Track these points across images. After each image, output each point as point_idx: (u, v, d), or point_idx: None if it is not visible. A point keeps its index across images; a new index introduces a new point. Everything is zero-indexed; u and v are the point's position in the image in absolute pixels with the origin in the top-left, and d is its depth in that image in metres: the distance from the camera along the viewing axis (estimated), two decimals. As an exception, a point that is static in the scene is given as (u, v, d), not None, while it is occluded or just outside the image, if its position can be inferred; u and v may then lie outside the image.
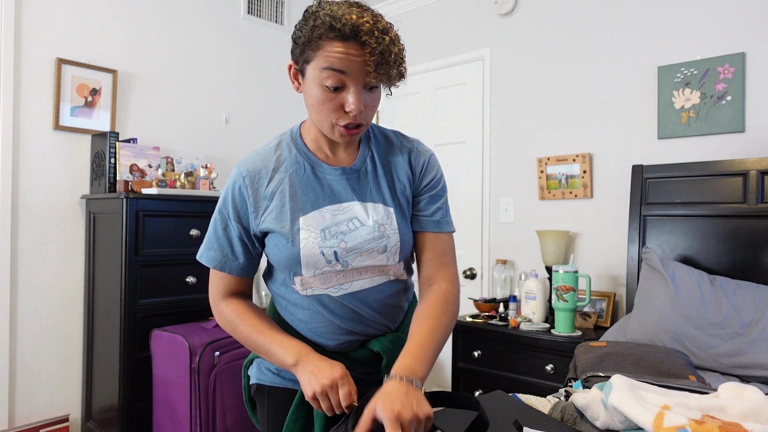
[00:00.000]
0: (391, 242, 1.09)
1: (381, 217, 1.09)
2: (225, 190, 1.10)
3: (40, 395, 2.50)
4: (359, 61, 0.94)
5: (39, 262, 2.49)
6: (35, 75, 2.46)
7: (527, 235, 2.98)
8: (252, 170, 1.08)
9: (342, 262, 1.05)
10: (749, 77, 2.28)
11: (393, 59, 0.95)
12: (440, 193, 1.16)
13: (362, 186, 1.11)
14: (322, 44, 0.94)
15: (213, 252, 1.10)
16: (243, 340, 1.08)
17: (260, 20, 3.33)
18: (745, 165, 2.19)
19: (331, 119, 1.00)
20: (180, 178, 2.60)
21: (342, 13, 0.94)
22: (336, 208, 1.07)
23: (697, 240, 2.29)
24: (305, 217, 1.05)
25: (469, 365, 2.64)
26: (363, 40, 0.93)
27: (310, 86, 1.00)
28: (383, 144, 1.17)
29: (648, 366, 1.56)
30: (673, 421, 0.94)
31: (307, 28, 0.96)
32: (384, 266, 1.09)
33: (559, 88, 2.87)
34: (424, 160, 1.16)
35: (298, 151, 1.10)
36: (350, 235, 1.06)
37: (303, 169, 1.09)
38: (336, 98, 0.98)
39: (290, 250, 1.04)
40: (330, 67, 0.94)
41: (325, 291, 1.07)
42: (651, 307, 2.03)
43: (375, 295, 1.10)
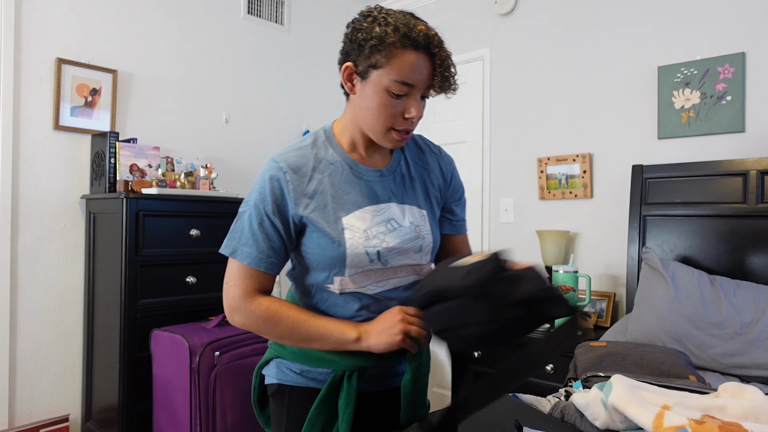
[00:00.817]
0: (425, 243, 1.14)
1: (416, 218, 1.13)
2: (260, 184, 1.06)
3: (40, 395, 2.50)
4: (427, 72, 0.99)
5: (39, 262, 2.49)
6: (35, 75, 2.46)
7: (527, 235, 2.98)
8: (293, 165, 1.06)
9: (383, 261, 1.08)
10: (749, 77, 2.28)
11: (453, 72, 1.02)
12: (464, 198, 1.28)
13: (398, 188, 1.14)
14: (396, 52, 0.97)
15: (248, 248, 1.05)
16: (287, 333, 1.05)
17: (260, 20, 3.33)
18: (745, 165, 2.19)
19: (388, 124, 1.03)
20: (180, 178, 2.60)
21: (412, 23, 0.99)
22: (375, 209, 1.09)
23: (697, 240, 2.29)
24: (348, 217, 1.06)
25: (470, 365, 2.64)
26: (433, 52, 0.98)
27: (371, 90, 1.01)
28: (413, 148, 1.21)
29: (648, 366, 1.56)
30: (673, 420, 0.94)
31: (377, 33, 0.97)
32: (417, 265, 1.14)
33: (559, 88, 2.87)
34: (452, 168, 1.25)
35: (335, 150, 1.10)
36: (390, 235, 1.09)
37: (341, 170, 1.09)
38: (398, 104, 1.01)
39: (335, 250, 1.05)
40: (404, 81, 0.98)
41: (362, 288, 1.09)
42: (651, 307, 2.03)
43: (406, 293, 1.14)
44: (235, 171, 3.21)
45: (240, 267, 1.06)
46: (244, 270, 1.06)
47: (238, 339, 2.33)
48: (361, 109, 1.04)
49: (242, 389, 2.27)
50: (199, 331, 2.31)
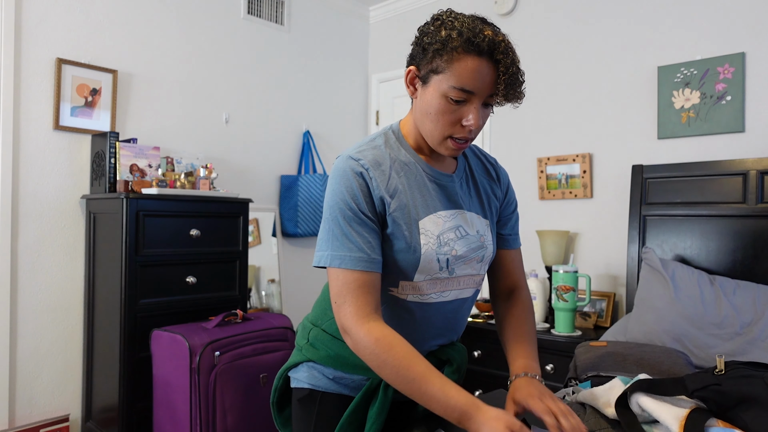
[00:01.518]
0: (488, 253, 1.12)
1: (481, 227, 1.12)
2: (342, 183, 1.00)
3: (40, 395, 2.49)
4: (489, 79, 0.94)
5: (39, 262, 2.48)
6: (35, 75, 2.46)
7: (527, 235, 2.98)
8: (372, 162, 1.02)
9: (450, 269, 1.05)
10: (749, 77, 2.28)
11: (521, 80, 0.96)
12: (517, 212, 1.26)
13: (465, 195, 1.12)
14: (457, 57, 0.93)
15: (346, 251, 0.96)
16: (391, 378, 0.93)
17: (260, 20, 3.33)
18: (745, 165, 2.19)
19: (446, 132, 0.99)
20: (180, 178, 2.60)
21: (479, 28, 0.93)
22: (447, 214, 1.06)
23: (697, 240, 2.29)
24: (423, 221, 1.03)
25: (470, 365, 2.64)
26: (498, 59, 0.93)
27: (431, 95, 0.98)
28: (472, 157, 1.19)
29: (648, 366, 1.56)
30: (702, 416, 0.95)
31: (441, 37, 0.94)
32: (477, 275, 1.12)
33: (559, 88, 2.87)
34: (508, 180, 1.23)
35: (407, 152, 1.07)
36: (458, 243, 1.06)
37: (415, 172, 1.06)
38: (456, 111, 0.97)
39: (410, 255, 1.01)
40: (462, 87, 0.94)
41: (425, 297, 1.06)
42: (651, 307, 2.03)
43: (463, 304, 1.13)
44: (235, 171, 3.21)
45: (347, 276, 0.96)
46: (350, 277, 0.96)
47: (238, 339, 2.33)
48: (421, 114, 1.01)
49: (242, 389, 2.27)
50: (199, 331, 2.31)
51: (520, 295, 1.22)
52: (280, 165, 3.44)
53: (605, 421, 1.13)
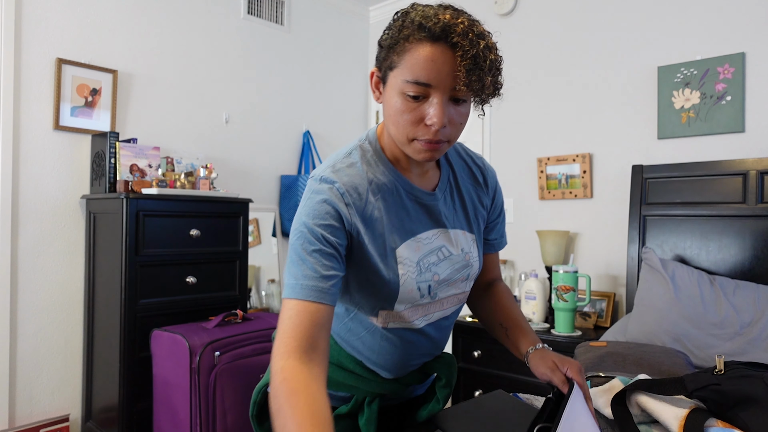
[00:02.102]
0: (473, 271, 1.06)
1: (467, 244, 1.04)
2: (313, 206, 0.89)
3: (40, 395, 2.49)
4: (447, 67, 0.81)
5: (39, 262, 2.49)
6: (35, 75, 2.46)
7: (527, 235, 2.98)
8: (349, 186, 0.91)
9: (432, 294, 0.99)
10: (749, 77, 2.28)
11: (488, 66, 0.81)
12: (504, 213, 1.18)
13: (449, 211, 1.03)
14: (409, 47, 0.83)
15: (306, 280, 0.85)
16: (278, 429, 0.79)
17: (260, 20, 3.33)
18: (745, 165, 2.19)
19: (409, 133, 0.87)
20: (180, 178, 2.60)
21: (434, 12, 0.83)
22: (427, 235, 0.98)
23: (697, 240, 2.29)
24: (401, 248, 0.94)
25: (470, 365, 2.64)
26: (454, 42, 0.80)
27: (389, 95, 0.88)
28: (459, 163, 1.08)
29: (648, 366, 1.56)
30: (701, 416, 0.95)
31: (395, 29, 0.86)
32: (462, 293, 1.06)
33: (559, 88, 2.87)
34: (496, 182, 1.14)
35: (386, 168, 0.96)
36: (440, 266, 0.99)
37: (395, 192, 0.96)
38: (417, 109, 0.85)
39: (388, 287, 0.93)
40: (416, 80, 0.83)
41: (409, 323, 1.00)
42: (651, 307, 2.03)
43: (447, 321, 1.09)
44: (235, 171, 3.21)
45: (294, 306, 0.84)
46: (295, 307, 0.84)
47: (239, 339, 2.33)
48: (386, 118, 0.92)
49: (242, 389, 2.27)
50: (199, 331, 2.31)
51: (500, 284, 1.22)
52: (280, 165, 3.44)
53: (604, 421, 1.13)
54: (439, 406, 1.09)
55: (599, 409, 1.15)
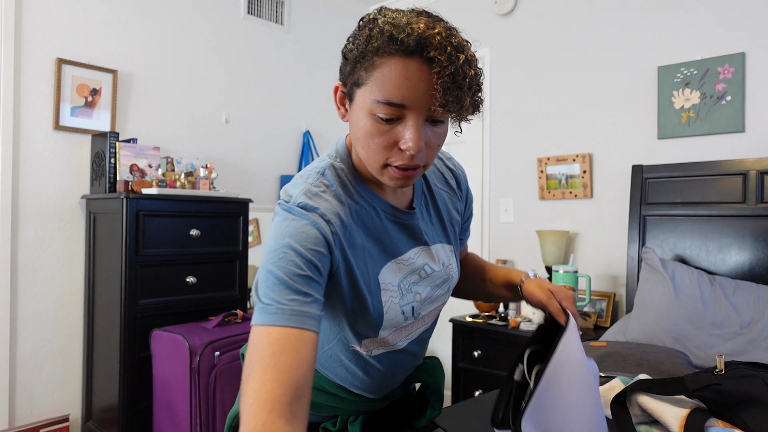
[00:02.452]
0: (453, 282, 1.01)
1: (447, 258, 1.00)
2: (297, 229, 0.77)
3: (40, 395, 2.49)
4: (423, 85, 0.72)
5: (39, 262, 2.48)
6: (35, 75, 2.46)
7: (527, 235, 2.98)
8: (331, 212, 0.81)
9: (416, 314, 0.94)
10: (749, 77, 2.28)
11: (467, 84, 0.72)
12: (472, 209, 1.16)
13: (427, 225, 0.97)
14: (378, 62, 0.73)
15: (296, 305, 0.72)
16: None
17: (260, 20, 3.33)
18: (745, 165, 2.19)
19: (380, 158, 0.78)
20: (180, 178, 2.60)
21: (407, 21, 0.72)
22: (408, 256, 0.92)
23: (697, 240, 2.29)
24: (382, 274, 0.87)
25: (469, 365, 2.64)
26: (430, 56, 0.70)
27: (357, 115, 0.78)
28: (431, 169, 1.02)
29: (648, 366, 1.56)
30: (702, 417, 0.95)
31: (361, 39, 0.74)
32: (441, 305, 1.02)
33: (558, 88, 2.87)
34: (467, 185, 1.09)
35: (362, 189, 0.88)
36: (421, 284, 0.94)
37: (372, 214, 0.88)
38: (390, 132, 0.76)
39: (371, 316, 0.86)
40: (388, 101, 0.73)
41: (393, 346, 0.95)
42: (651, 307, 2.03)
43: (428, 333, 1.05)
44: (235, 171, 3.21)
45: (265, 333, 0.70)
46: (274, 335, 0.70)
47: (239, 339, 2.33)
48: (354, 139, 0.81)
49: (242, 389, 2.27)
50: (199, 331, 2.31)
51: (468, 254, 1.23)
52: (280, 165, 3.44)
53: (605, 421, 1.13)
54: (437, 411, 1.08)
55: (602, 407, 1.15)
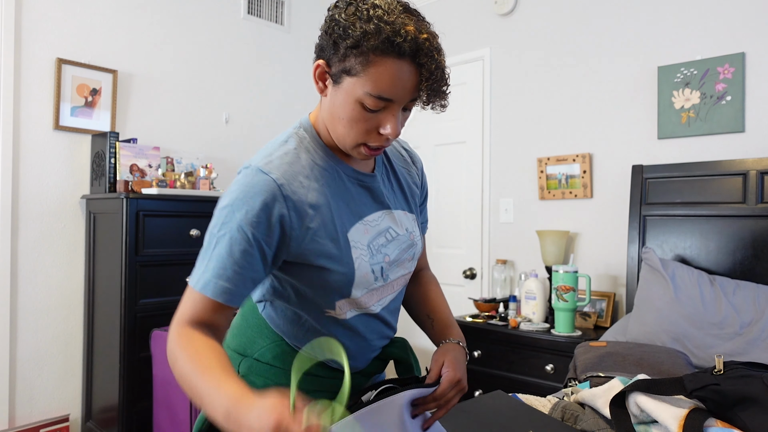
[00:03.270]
0: (417, 250, 1.06)
1: (409, 224, 1.05)
2: (247, 201, 0.85)
3: (40, 395, 2.50)
4: (411, 85, 0.83)
5: (39, 262, 2.49)
6: (35, 75, 2.46)
7: (527, 235, 2.98)
8: (288, 177, 0.88)
9: (385, 276, 0.98)
10: (749, 77, 2.28)
11: (445, 84, 0.85)
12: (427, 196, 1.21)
13: (390, 192, 1.04)
14: (374, 60, 0.81)
15: (225, 281, 0.84)
16: (180, 379, 0.81)
17: (260, 20, 3.33)
18: (745, 165, 2.19)
19: (359, 139, 0.88)
20: (180, 178, 2.60)
21: (400, 22, 0.80)
22: (374, 217, 0.98)
23: (697, 240, 2.29)
24: (351, 232, 0.93)
25: (469, 365, 2.64)
26: (421, 62, 0.81)
27: (343, 100, 0.86)
28: (390, 147, 1.11)
29: (648, 366, 1.56)
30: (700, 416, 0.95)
31: (356, 31, 0.80)
32: (408, 273, 1.06)
33: (559, 87, 2.87)
34: (420, 160, 1.17)
35: (325, 154, 0.95)
36: (389, 247, 0.99)
37: (336, 176, 0.95)
38: (373, 119, 0.86)
39: (343, 272, 0.91)
40: (380, 95, 0.82)
41: (366, 309, 0.99)
42: (651, 307, 2.03)
43: (395, 304, 1.08)
44: (235, 171, 3.21)
45: (200, 297, 0.85)
46: (206, 302, 0.85)
47: (238, 339, 2.33)
48: (331, 116, 0.89)
49: (242, 389, 2.27)
50: (199, 331, 2.31)
51: (427, 273, 1.22)
52: (280, 165, 3.44)
53: (604, 421, 1.13)
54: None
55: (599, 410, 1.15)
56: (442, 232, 3.34)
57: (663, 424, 0.99)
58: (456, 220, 3.30)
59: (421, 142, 3.47)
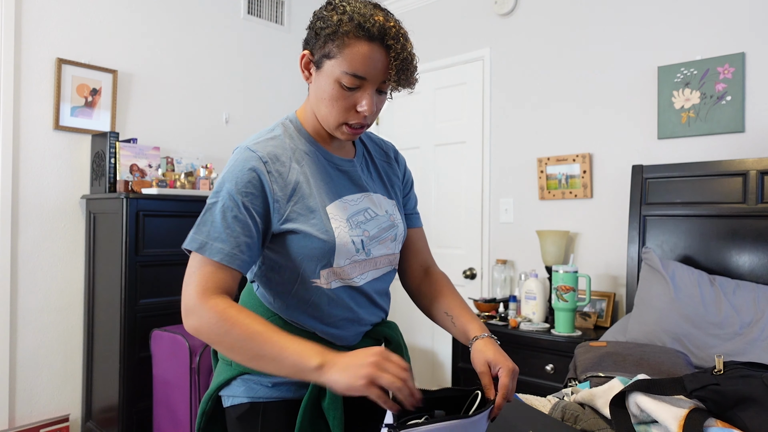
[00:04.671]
0: (399, 231, 1.14)
1: (390, 207, 1.13)
2: (236, 174, 0.97)
3: (40, 395, 2.50)
4: (381, 65, 0.95)
5: (39, 262, 2.49)
6: (35, 75, 2.46)
7: (527, 235, 2.98)
8: (271, 155, 1.00)
9: (366, 250, 1.06)
10: (749, 77, 2.28)
11: (413, 67, 0.97)
12: (414, 192, 1.29)
13: (368, 178, 1.14)
14: (348, 42, 0.94)
15: (221, 243, 0.94)
16: (238, 344, 0.89)
17: (260, 20, 3.33)
18: (745, 165, 2.19)
19: (340, 117, 1.00)
20: (180, 178, 2.60)
21: (370, 13, 0.95)
22: (352, 198, 1.07)
23: (697, 240, 2.29)
24: (330, 206, 1.03)
25: (469, 365, 2.64)
26: (389, 44, 0.94)
27: (324, 81, 0.99)
28: (370, 143, 1.22)
29: (648, 366, 1.56)
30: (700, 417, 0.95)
31: (333, 21, 0.96)
32: (393, 254, 1.13)
33: (559, 87, 2.87)
34: (403, 159, 1.27)
35: (306, 140, 1.07)
36: (368, 224, 1.07)
37: (316, 160, 1.06)
38: (350, 97, 0.98)
39: (324, 241, 1.00)
40: (354, 73, 0.95)
41: (350, 281, 1.05)
42: (651, 307, 2.03)
43: (382, 284, 1.13)
44: (235, 171, 3.21)
45: (205, 263, 0.94)
46: (210, 267, 0.94)
47: (238, 339, 2.33)
48: (316, 99, 1.02)
49: (242, 389, 2.27)
50: (199, 331, 2.31)
51: (437, 270, 1.25)
52: (280, 165, 3.44)
53: (604, 421, 1.13)
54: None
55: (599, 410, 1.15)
56: (442, 232, 3.34)
57: (663, 424, 0.98)
58: (456, 220, 3.30)
59: (421, 142, 3.47)
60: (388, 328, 1.16)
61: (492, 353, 1.02)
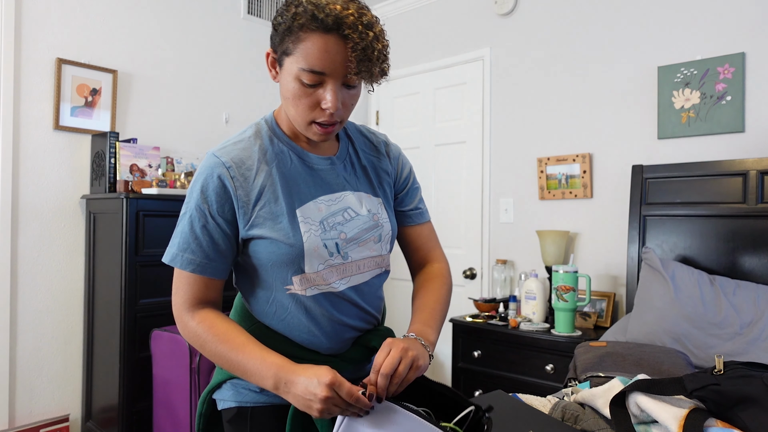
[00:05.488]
0: (384, 231, 1.08)
1: (373, 206, 1.07)
2: (201, 183, 0.97)
3: (40, 395, 2.50)
4: (340, 57, 0.89)
5: (39, 262, 2.49)
6: (35, 75, 2.46)
7: (527, 235, 2.98)
8: (236, 159, 0.97)
9: (343, 254, 1.01)
10: (749, 77, 2.28)
11: (376, 56, 0.89)
12: (417, 185, 1.21)
13: (351, 176, 1.08)
14: (303, 36, 0.89)
15: (190, 254, 0.96)
16: (214, 358, 0.95)
17: (260, 20, 3.33)
18: (745, 165, 2.19)
19: (306, 116, 0.95)
20: (180, 178, 2.60)
21: (326, 2, 0.88)
22: (329, 198, 1.02)
23: (697, 240, 2.29)
24: (301, 209, 0.99)
25: (469, 365, 2.64)
26: (345, 34, 0.87)
27: (286, 79, 0.94)
28: (358, 137, 1.15)
29: (648, 366, 1.56)
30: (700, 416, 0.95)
31: (288, 15, 0.90)
32: (379, 257, 1.07)
33: (559, 88, 2.87)
34: (399, 155, 1.19)
35: (280, 140, 1.03)
36: (347, 225, 1.02)
37: (289, 160, 1.02)
38: (313, 94, 0.92)
39: (292, 245, 0.96)
40: (311, 69, 0.89)
41: (328, 287, 1.00)
42: (651, 307, 2.03)
43: (370, 288, 1.08)
44: (235, 171, 3.21)
45: (181, 274, 0.98)
46: (185, 278, 0.97)
47: (238, 339, 2.33)
48: (284, 98, 0.98)
49: (242, 389, 2.27)
50: (199, 331, 2.31)
51: (431, 267, 1.17)
52: (280, 165, 3.44)
53: (604, 421, 1.13)
54: None
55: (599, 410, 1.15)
56: (442, 232, 3.34)
57: (663, 424, 0.99)
58: (456, 220, 3.30)
59: (421, 142, 3.47)
60: (378, 336, 1.08)
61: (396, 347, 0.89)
